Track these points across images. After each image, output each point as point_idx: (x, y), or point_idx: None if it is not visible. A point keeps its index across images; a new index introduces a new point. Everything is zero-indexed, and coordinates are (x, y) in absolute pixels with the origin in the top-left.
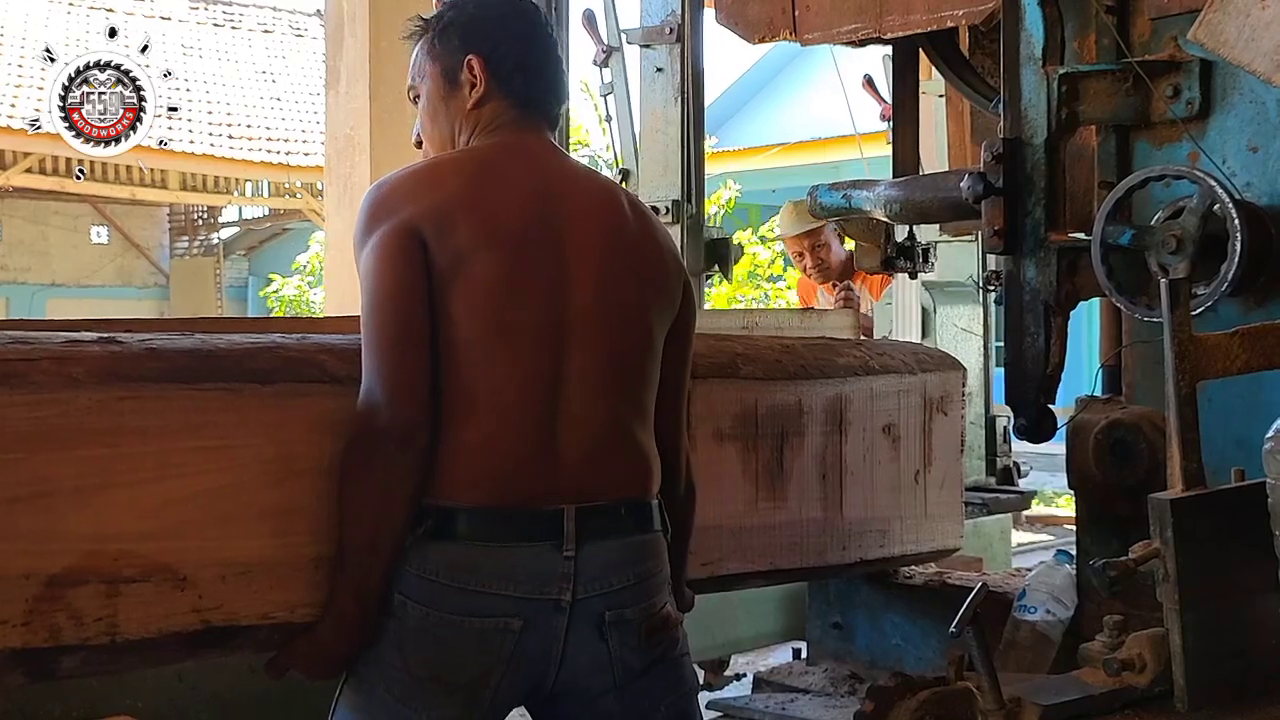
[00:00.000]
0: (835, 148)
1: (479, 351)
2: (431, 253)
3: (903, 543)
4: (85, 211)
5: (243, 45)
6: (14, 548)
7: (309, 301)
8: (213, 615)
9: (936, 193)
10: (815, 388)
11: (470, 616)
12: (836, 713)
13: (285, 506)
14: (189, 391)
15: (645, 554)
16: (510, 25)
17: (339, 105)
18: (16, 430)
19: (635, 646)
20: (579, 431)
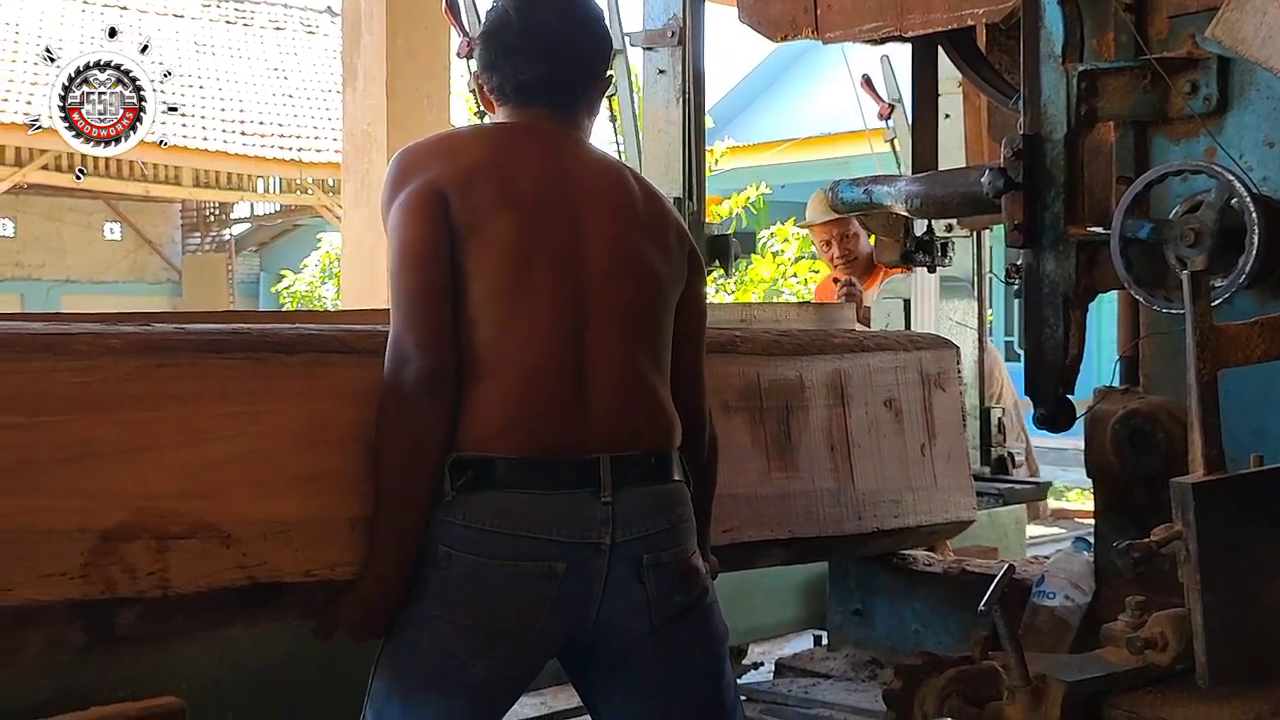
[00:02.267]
0: (844, 143)
1: (503, 307)
2: (453, 212)
3: (917, 513)
4: (99, 208)
5: (254, 42)
6: (67, 504)
7: (320, 297)
8: (257, 571)
9: (957, 188)
10: (814, 363)
11: (516, 560)
12: (859, 696)
13: (318, 470)
14: (219, 360)
15: (675, 501)
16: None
17: (356, 103)
18: (62, 395)
19: (670, 590)
20: (604, 383)
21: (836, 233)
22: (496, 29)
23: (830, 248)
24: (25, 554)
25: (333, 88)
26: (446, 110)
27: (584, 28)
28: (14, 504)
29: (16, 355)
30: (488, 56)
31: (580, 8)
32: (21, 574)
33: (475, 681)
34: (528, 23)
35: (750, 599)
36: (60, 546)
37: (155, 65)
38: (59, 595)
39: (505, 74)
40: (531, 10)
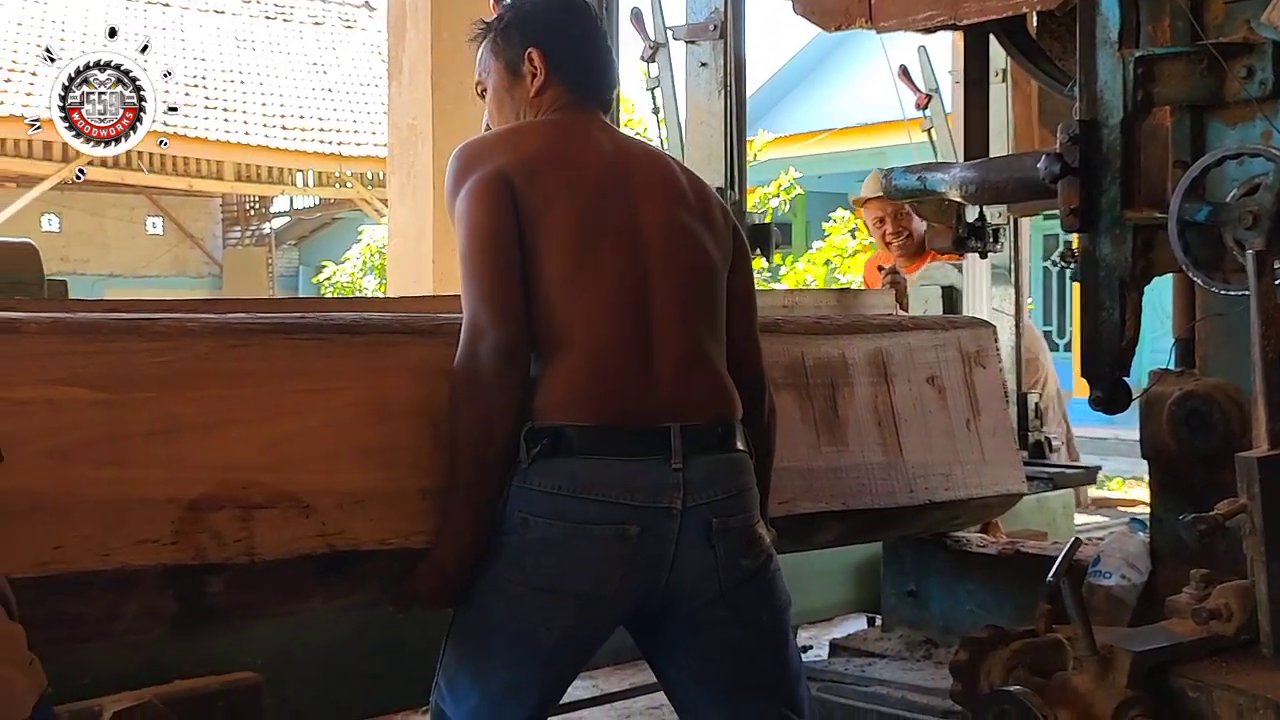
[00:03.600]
0: (882, 133)
1: (570, 285)
2: (519, 197)
3: (967, 486)
4: (141, 203)
5: (294, 37)
6: (155, 475)
7: (361, 288)
8: (336, 540)
9: (1012, 174)
10: (855, 341)
11: (591, 524)
12: (915, 675)
13: (387, 443)
14: (289, 340)
15: (741, 469)
16: (564, 20)
17: (401, 96)
18: (145, 373)
19: (738, 555)
20: (668, 356)
21: (890, 210)
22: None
23: (883, 224)
24: (120, 521)
25: (371, 82)
26: None
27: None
28: (107, 474)
29: (103, 337)
30: (560, 57)
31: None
32: (118, 540)
33: (547, 646)
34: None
35: (803, 581)
36: (152, 514)
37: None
38: (153, 560)
39: (570, 74)
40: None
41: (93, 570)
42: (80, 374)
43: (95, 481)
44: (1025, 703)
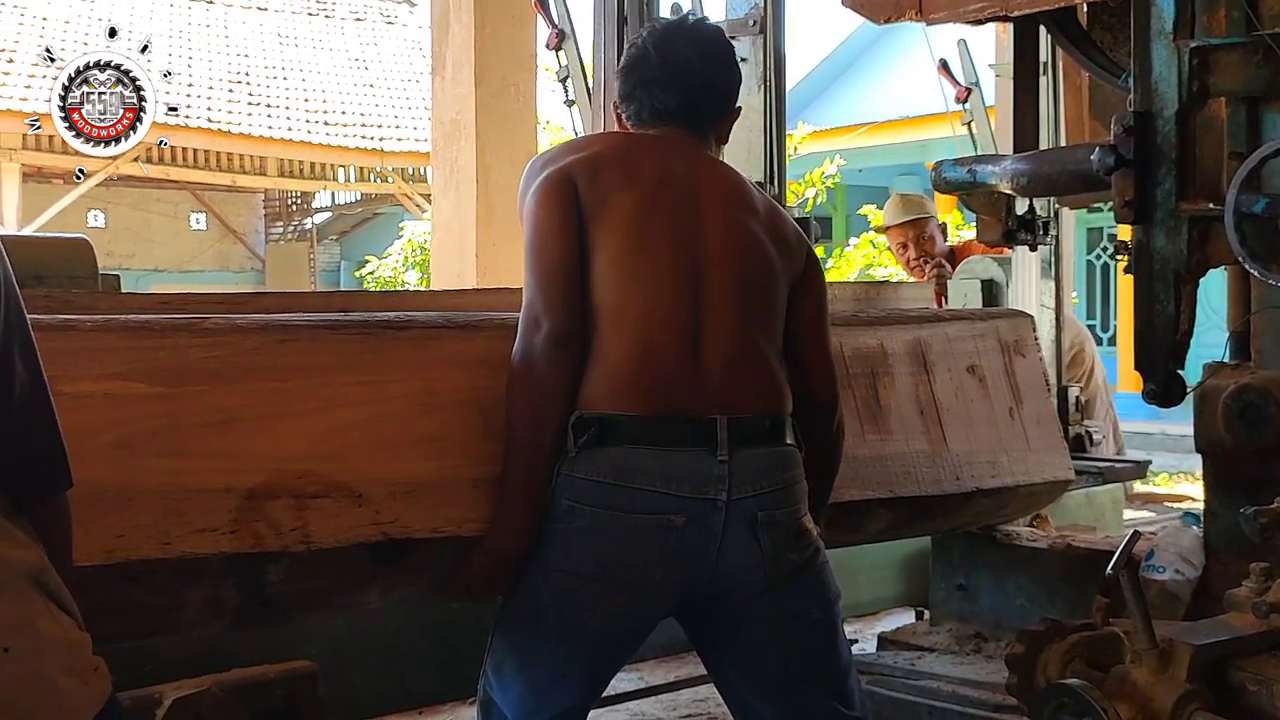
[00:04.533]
0: (923, 126)
1: (624, 274)
2: (581, 193)
3: (1014, 473)
4: (185, 199)
5: (336, 34)
6: (212, 465)
7: (403, 283)
8: (390, 528)
9: (1065, 166)
10: (894, 332)
11: (637, 513)
12: (965, 669)
13: (437, 433)
14: (337, 335)
15: (789, 463)
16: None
17: (444, 91)
18: (198, 367)
19: (784, 548)
20: (718, 348)
21: (913, 234)
22: (635, 63)
23: (907, 250)
24: (179, 510)
25: (412, 77)
26: (534, 98)
27: (716, 63)
28: (165, 464)
29: (156, 333)
30: (626, 88)
31: (713, 44)
32: (178, 528)
33: (593, 633)
34: (665, 58)
35: (850, 575)
36: (210, 504)
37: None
38: (213, 549)
39: (642, 102)
40: (670, 46)
41: (155, 558)
42: (136, 368)
43: (154, 471)
44: (1084, 696)
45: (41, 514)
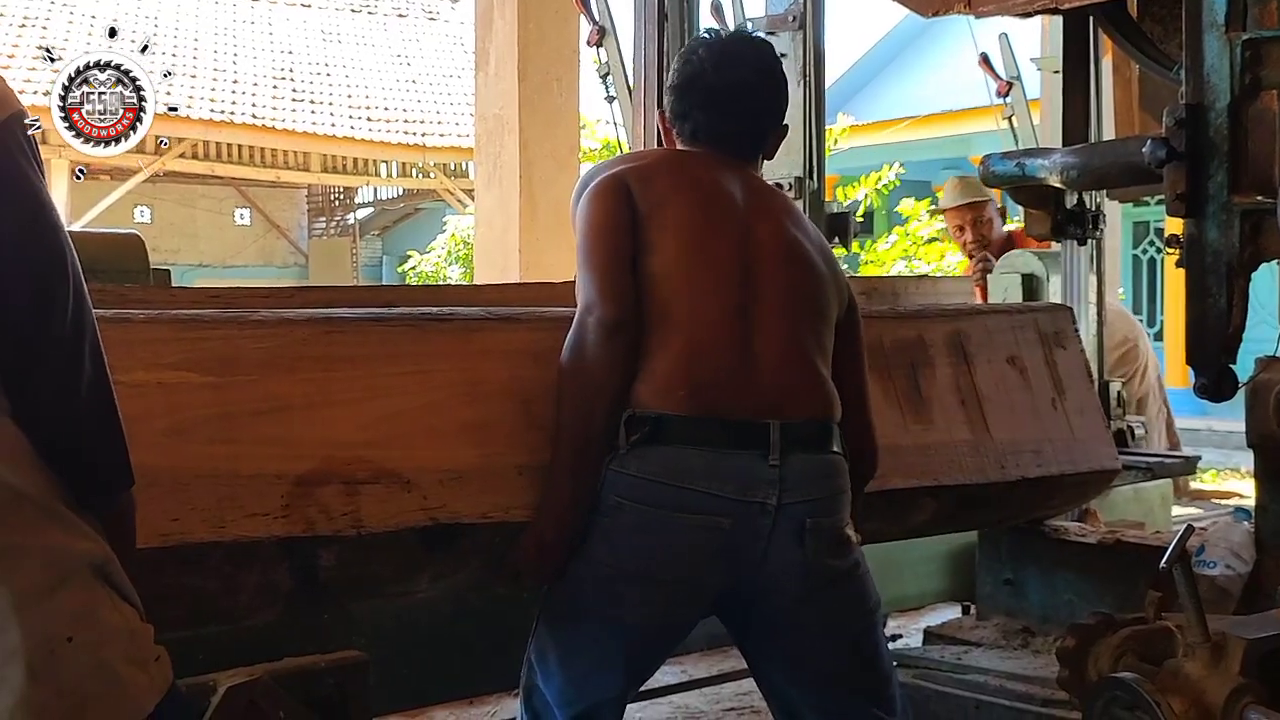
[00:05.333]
0: (969, 119)
1: (678, 276)
2: (635, 197)
3: (1059, 463)
4: (229, 194)
5: (378, 30)
6: (264, 452)
7: (446, 277)
8: (439, 513)
9: (1116, 158)
10: (932, 324)
11: (684, 513)
12: (1013, 663)
13: (482, 422)
14: (382, 327)
15: (837, 471)
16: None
17: (488, 86)
18: (249, 357)
19: (826, 555)
20: (770, 353)
21: (970, 217)
22: (691, 81)
23: (964, 232)
24: (233, 495)
25: (454, 73)
26: (576, 94)
27: (770, 80)
28: (218, 451)
29: (207, 325)
30: (681, 107)
31: (767, 60)
32: (232, 513)
33: (633, 628)
34: (724, 81)
35: (896, 570)
36: (262, 489)
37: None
38: (265, 532)
39: (698, 123)
40: (728, 67)
41: (210, 541)
42: (188, 359)
43: (208, 458)
44: (1137, 689)
45: (104, 508)
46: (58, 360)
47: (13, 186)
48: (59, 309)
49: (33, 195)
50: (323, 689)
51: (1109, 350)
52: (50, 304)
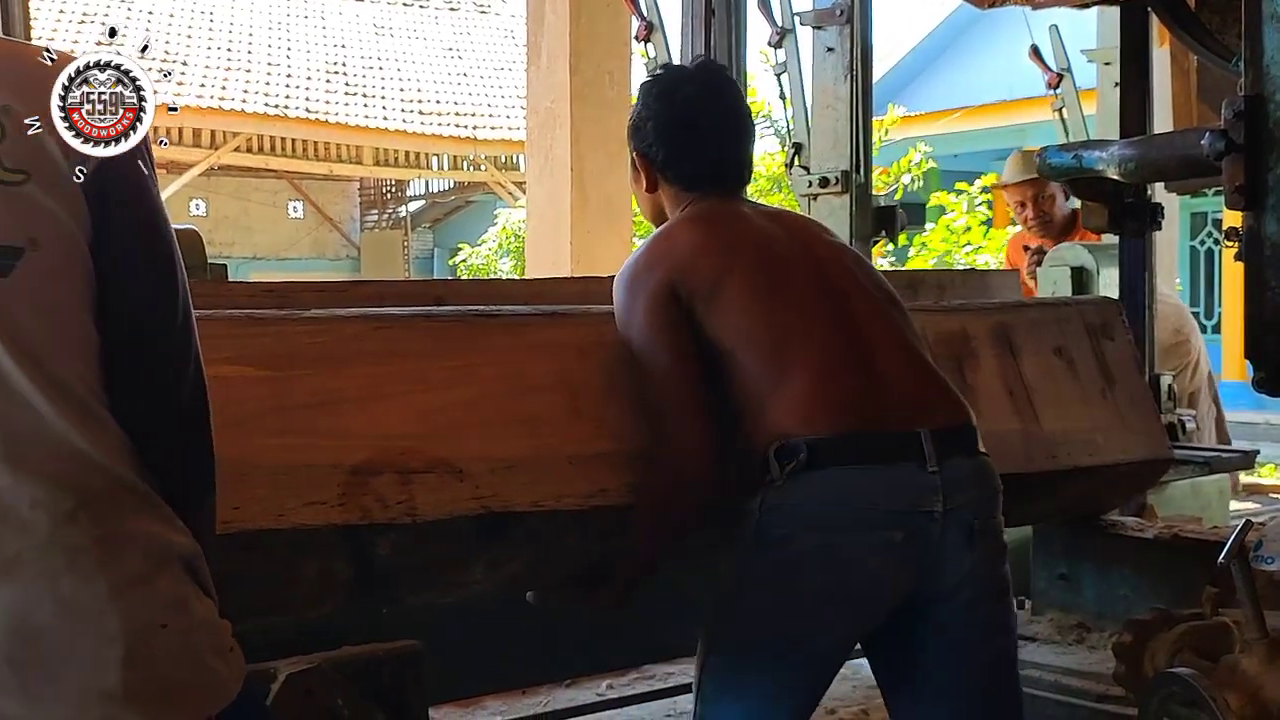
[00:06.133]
0: (1022, 110)
1: (771, 320)
2: (685, 297)
3: (1111, 452)
4: (283, 187)
5: (430, 23)
6: (320, 443)
7: (496, 269)
8: (491, 502)
9: (1174, 151)
10: (975, 317)
11: (857, 532)
12: (1068, 659)
13: (531, 414)
14: (430, 322)
15: (991, 472)
16: (670, 115)
17: (539, 79)
18: (303, 352)
19: (993, 560)
20: (891, 361)
21: (1032, 193)
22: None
23: (1025, 209)
24: (291, 484)
25: (505, 66)
26: (628, 87)
27: (744, 104)
28: (275, 442)
29: (262, 322)
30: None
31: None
32: (290, 502)
33: (814, 654)
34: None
35: None
36: (319, 478)
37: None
38: (323, 520)
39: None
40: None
41: (270, 529)
42: (244, 354)
43: (266, 449)
44: (1194, 685)
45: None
46: (164, 367)
47: (133, 191)
48: (170, 316)
49: (150, 199)
50: (379, 678)
51: (1160, 343)
52: (162, 311)
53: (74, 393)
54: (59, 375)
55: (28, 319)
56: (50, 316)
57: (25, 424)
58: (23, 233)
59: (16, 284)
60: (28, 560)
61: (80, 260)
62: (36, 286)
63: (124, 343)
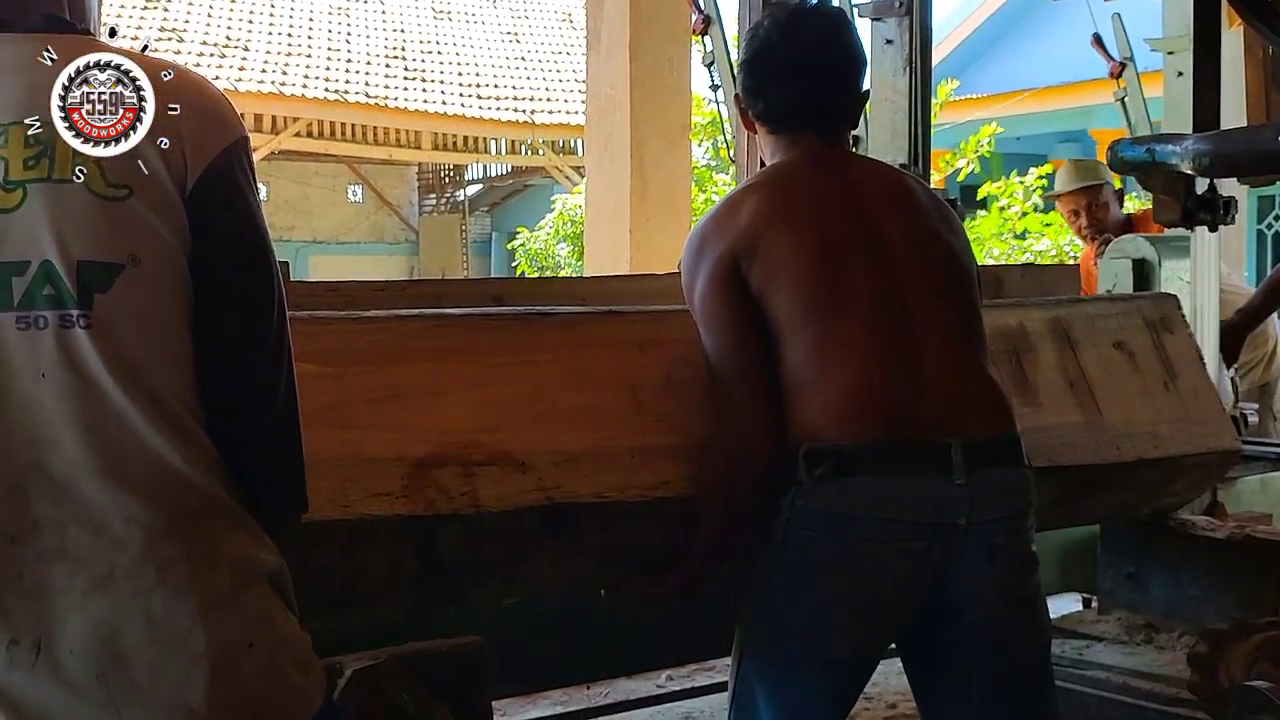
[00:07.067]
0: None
1: (824, 313)
2: (747, 270)
3: (1177, 443)
4: (342, 172)
5: (488, 7)
6: (383, 436)
7: (554, 254)
8: (555, 494)
9: (1249, 146)
10: (1032, 312)
11: (878, 542)
12: (1136, 660)
13: (590, 407)
14: (488, 321)
15: (1026, 487)
16: (759, 56)
17: (599, 66)
18: (364, 350)
19: (1015, 575)
20: (938, 368)
21: (1085, 202)
22: (759, 55)
23: (1079, 218)
24: (355, 477)
25: (563, 50)
26: (688, 75)
27: (843, 46)
28: (338, 436)
29: (324, 321)
30: (752, 83)
31: (837, 25)
32: (355, 493)
33: (838, 659)
34: (791, 48)
35: None
36: (383, 471)
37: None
38: (388, 511)
39: (771, 101)
40: (794, 35)
41: (336, 519)
42: (306, 351)
43: (330, 443)
44: (1271, 699)
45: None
46: (257, 383)
47: (235, 207)
48: (266, 333)
49: (251, 216)
50: (444, 673)
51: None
52: (258, 328)
53: (170, 408)
54: (156, 390)
55: (127, 334)
56: (149, 331)
57: (122, 440)
58: (124, 248)
59: (116, 299)
60: (120, 576)
61: (179, 275)
62: (136, 301)
63: (219, 359)
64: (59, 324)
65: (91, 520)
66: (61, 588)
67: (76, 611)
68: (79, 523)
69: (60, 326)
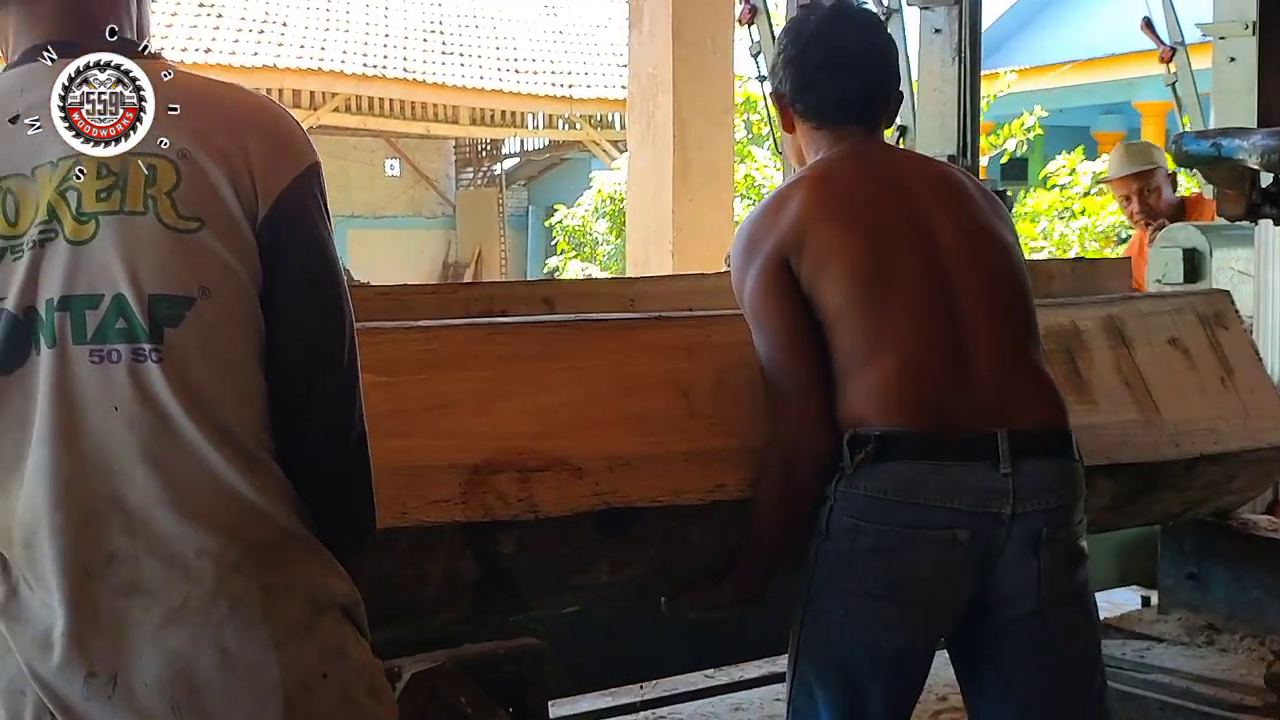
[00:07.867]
0: (1127, 64)
1: (875, 305)
2: (796, 266)
3: (1237, 439)
4: (380, 146)
5: None
6: (438, 444)
7: (592, 231)
8: (611, 498)
9: None
10: (1084, 310)
11: (922, 529)
12: (1198, 663)
13: (642, 412)
14: (539, 328)
15: (1074, 478)
16: (805, 52)
17: (642, 45)
18: (418, 358)
19: (1061, 569)
20: (985, 359)
21: (1137, 187)
22: (808, 49)
23: (1131, 203)
24: (412, 484)
25: (601, 24)
26: (730, 55)
27: (886, 42)
28: (394, 444)
29: (377, 331)
30: (802, 77)
31: (878, 22)
32: (413, 500)
33: (888, 652)
34: (840, 42)
35: None
36: (440, 478)
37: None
38: (446, 518)
39: (824, 93)
40: (842, 30)
41: (396, 526)
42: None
43: (386, 451)
44: None
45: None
46: (329, 426)
47: (307, 239)
48: (336, 374)
49: (322, 248)
50: (501, 675)
51: None
52: (329, 369)
53: (241, 441)
54: (228, 424)
55: (198, 368)
56: (219, 365)
57: (194, 473)
58: (195, 282)
59: (187, 333)
60: (193, 609)
61: (250, 308)
62: (207, 335)
63: (290, 400)
64: (131, 358)
65: (165, 553)
66: (137, 620)
67: (151, 644)
68: (153, 555)
69: (133, 360)
